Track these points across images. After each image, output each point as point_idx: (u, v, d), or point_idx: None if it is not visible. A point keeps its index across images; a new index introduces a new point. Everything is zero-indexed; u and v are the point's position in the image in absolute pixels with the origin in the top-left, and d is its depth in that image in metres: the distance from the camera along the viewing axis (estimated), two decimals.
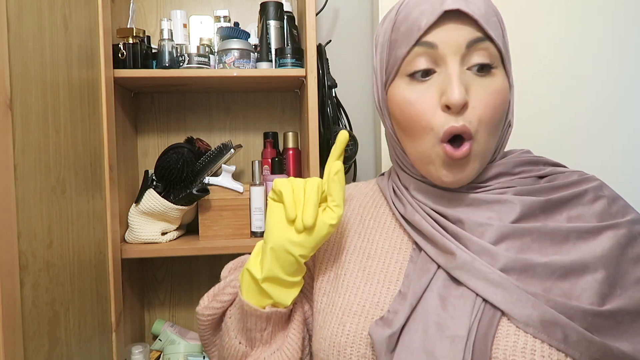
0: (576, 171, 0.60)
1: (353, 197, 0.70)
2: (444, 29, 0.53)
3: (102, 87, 1.04)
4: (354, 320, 0.55)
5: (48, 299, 0.75)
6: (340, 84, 1.28)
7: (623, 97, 1.31)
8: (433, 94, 0.53)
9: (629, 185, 1.31)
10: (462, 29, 0.53)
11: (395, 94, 0.57)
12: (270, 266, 0.55)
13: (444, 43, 0.53)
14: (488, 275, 0.50)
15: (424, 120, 0.53)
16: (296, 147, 1.36)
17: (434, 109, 0.53)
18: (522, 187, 0.56)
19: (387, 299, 0.55)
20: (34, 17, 0.74)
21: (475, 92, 0.53)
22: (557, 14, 1.29)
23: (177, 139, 1.38)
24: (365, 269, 0.59)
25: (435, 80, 0.54)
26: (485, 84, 0.53)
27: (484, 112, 0.53)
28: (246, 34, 1.23)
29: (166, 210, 1.17)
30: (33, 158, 0.72)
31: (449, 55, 0.53)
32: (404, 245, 0.60)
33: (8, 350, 0.62)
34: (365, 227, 0.64)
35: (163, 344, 1.29)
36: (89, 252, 0.94)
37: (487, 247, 0.52)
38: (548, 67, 1.30)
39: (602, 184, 0.58)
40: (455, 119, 0.52)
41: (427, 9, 0.54)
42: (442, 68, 0.54)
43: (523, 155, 0.60)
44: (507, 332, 0.48)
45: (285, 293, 0.57)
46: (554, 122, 1.30)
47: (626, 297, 0.50)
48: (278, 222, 0.55)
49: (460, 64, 0.53)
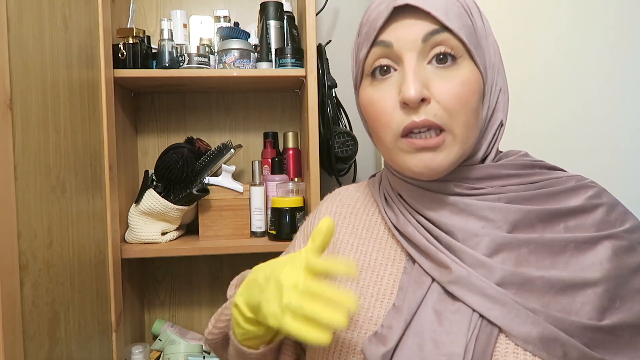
0: (574, 176, 0.58)
1: (344, 203, 0.68)
2: (398, 26, 0.52)
3: (102, 87, 1.04)
4: (347, 335, 0.54)
5: (48, 299, 0.75)
6: (340, 84, 1.28)
7: (624, 96, 1.31)
8: (392, 92, 0.53)
9: (630, 186, 1.31)
10: (416, 24, 0.51)
11: (361, 95, 0.57)
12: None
13: (399, 40, 0.52)
14: (485, 291, 0.48)
15: (383, 118, 0.53)
16: (296, 147, 1.36)
17: (394, 107, 0.52)
18: (516, 194, 0.54)
19: (380, 313, 0.54)
20: (34, 17, 0.74)
21: (438, 85, 0.51)
22: (557, 14, 1.29)
23: (177, 139, 1.38)
24: (359, 282, 0.58)
25: (395, 78, 0.53)
26: (449, 76, 0.51)
27: (450, 103, 0.50)
28: (246, 34, 1.23)
29: (166, 210, 1.17)
30: (33, 158, 0.72)
31: (405, 51, 0.52)
32: (397, 256, 0.58)
33: (8, 350, 0.62)
34: (358, 237, 0.62)
35: (163, 344, 1.29)
36: (89, 252, 0.94)
37: (483, 260, 0.50)
38: (548, 67, 1.30)
39: (601, 190, 0.56)
40: (417, 114, 0.50)
41: (382, 9, 0.53)
42: (400, 66, 0.53)
43: (520, 159, 0.58)
44: (505, 350, 0.47)
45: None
46: (555, 122, 1.30)
47: (626, 310, 0.49)
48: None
49: (419, 60, 0.52)
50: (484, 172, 0.55)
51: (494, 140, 0.57)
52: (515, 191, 0.54)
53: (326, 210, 0.68)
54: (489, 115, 0.56)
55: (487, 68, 0.55)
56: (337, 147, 1.22)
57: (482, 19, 0.57)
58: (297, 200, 1.20)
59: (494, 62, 0.56)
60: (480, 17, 0.56)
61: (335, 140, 1.22)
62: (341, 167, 1.28)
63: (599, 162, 1.31)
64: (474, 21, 0.54)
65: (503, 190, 0.55)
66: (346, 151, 1.22)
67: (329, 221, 0.49)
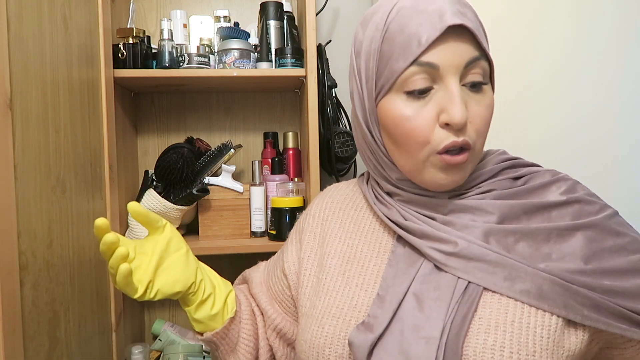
0: (549, 170, 0.62)
1: (334, 199, 0.71)
2: (444, 47, 0.52)
3: (102, 87, 1.04)
4: (332, 322, 0.57)
5: (48, 299, 0.75)
6: (340, 84, 1.28)
7: (626, 100, 1.31)
8: (431, 110, 0.53)
9: (631, 186, 1.31)
10: (461, 47, 0.53)
11: (389, 108, 0.55)
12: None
13: (445, 63, 0.52)
14: (486, 257, 0.52)
15: (421, 136, 0.54)
16: (296, 147, 1.36)
17: (432, 126, 0.53)
18: (500, 191, 0.58)
19: (364, 302, 0.57)
20: (34, 17, 0.74)
21: (471, 108, 0.54)
22: (559, 17, 1.29)
23: (177, 139, 1.38)
24: (345, 273, 0.61)
25: (433, 97, 0.54)
26: (479, 100, 0.55)
27: (480, 126, 0.55)
28: (246, 34, 1.23)
29: (166, 210, 1.17)
30: (33, 158, 0.72)
31: (449, 75, 0.53)
32: (382, 249, 0.62)
33: (8, 350, 0.62)
34: (345, 230, 0.65)
35: (163, 344, 1.29)
36: (89, 252, 0.94)
37: (480, 243, 0.54)
38: (549, 70, 1.30)
39: (575, 183, 0.60)
40: (456, 134, 0.53)
41: (425, 22, 0.52)
42: (440, 85, 0.53)
43: (500, 157, 0.63)
44: (477, 330, 0.50)
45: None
46: (555, 125, 1.30)
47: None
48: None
49: (459, 82, 0.53)
50: (472, 175, 0.60)
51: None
52: (499, 187, 0.59)
53: (317, 206, 0.72)
54: None
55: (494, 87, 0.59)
56: (337, 147, 1.22)
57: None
58: (297, 200, 1.20)
59: None
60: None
61: (335, 140, 1.22)
62: (341, 167, 1.28)
63: (600, 165, 1.31)
64: (486, 35, 0.58)
65: (490, 187, 0.59)
66: (346, 151, 1.22)
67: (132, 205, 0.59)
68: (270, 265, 0.76)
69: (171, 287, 0.60)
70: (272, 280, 0.73)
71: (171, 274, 0.61)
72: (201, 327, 0.67)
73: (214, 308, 0.65)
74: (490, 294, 0.53)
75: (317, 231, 0.68)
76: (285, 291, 0.70)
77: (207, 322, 0.66)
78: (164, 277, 0.60)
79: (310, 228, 0.69)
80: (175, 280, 0.61)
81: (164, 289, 0.60)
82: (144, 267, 0.59)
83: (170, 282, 0.60)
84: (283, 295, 0.71)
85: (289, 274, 0.69)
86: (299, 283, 0.66)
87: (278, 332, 0.70)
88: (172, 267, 0.61)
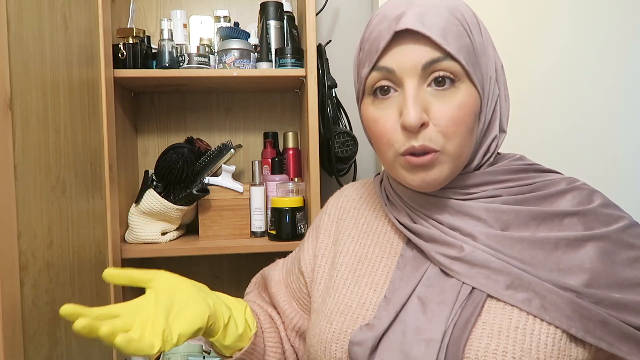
0: (566, 178, 0.60)
1: (349, 198, 0.72)
2: (399, 51, 0.53)
3: (102, 87, 1.04)
4: (340, 318, 0.58)
5: (48, 299, 0.75)
6: (340, 84, 1.28)
7: (626, 100, 1.31)
8: (393, 113, 0.54)
9: (631, 186, 1.31)
10: (416, 50, 0.52)
11: (363, 112, 0.59)
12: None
13: (400, 67, 0.53)
14: (490, 264, 0.52)
15: (385, 137, 0.55)
16: (296, 147, 1.36)
17: (395, 128, 0.54)
18: (510, 197, 0.57)
19: (372, 300, 0.58)
20: (34, 17, 0.74)
21: (436, 109, 0.53)
22: (559, 17, 1.29)
23: (177, 139, 1.38)
24: (356, 272, 0.62)
25: (395, 99, 0.55)
26: (446, 99, 0.53)
27: (447, 127, 0.52)
28: (246, 34, 1.23)
29: (166, 210, 1.16)
30: (33, 158, 0.72)
31: (405, 77, 0.53)
32: (392, 251, 0.62)
33: (8, 350, 0.62)
34: (359, 230, 0.66)
35: None
36: (89, 252, 0.94)
37: (485, 249, 0.53)
38: (549, 70, 1.30)
39: (592, 191, 0.58)
40: (415, 138, 0.52)
41: (385, 29, 0.53)
42: (401, 88, 0.54)
43: (512, 163, 0.60)
44: (480, 335, 0.50)
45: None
46: (555, 125, 1.30)
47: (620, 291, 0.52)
48: None
49: (419, 83, 0.53)
50: (479, 179, 0.58)
51: (489, 149, 0.60)
52: (509, 194, 0.57)
53: (333, 205, 0.73)
54: (484, 128, 0.58)
55: (484, 84, 0.56)
56: (337, 147, 1.22)
57: (482, 32, 0.57)
58: (297, 200, 1.20)
59: (492, 74, 0.57)
60: (479, 31, 0.57)
61: (335, 140, 1.21)
62: (341, 167, 1.28)
63: (602, 165, 1.31)
64: (473, 39, 0.55)
65: (497, 192, 0.58)
66: (346, 151, 1.22)
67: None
68: (288, 263, 0.77)
69: (191, 326, 0.56)
70: (290, 277, 0.74)
71: (186, 315, 0.57)
72: (229, 350, 0.64)
73: (239, 327, 0.63)
74: (495, 300, 0.52)
75: (332, 229, 0.70)
76: (302, 289, 0.71)
77: (235, 343, 0.63)
78: (180, 320, 0.56)
79: (325, 226, 0.71)
80: (193, 318, 0.57)
81: (185, 331, 0.55)
82: (152, 320, 0.54)
83: (188, 322, 0.56)
84: (300, 293, 0.71)
85: (306, 272, 0.70)
86: (314, 279, 0.67)
87: (297, 330, 0.71)
88: (184, 308, 0.57)
